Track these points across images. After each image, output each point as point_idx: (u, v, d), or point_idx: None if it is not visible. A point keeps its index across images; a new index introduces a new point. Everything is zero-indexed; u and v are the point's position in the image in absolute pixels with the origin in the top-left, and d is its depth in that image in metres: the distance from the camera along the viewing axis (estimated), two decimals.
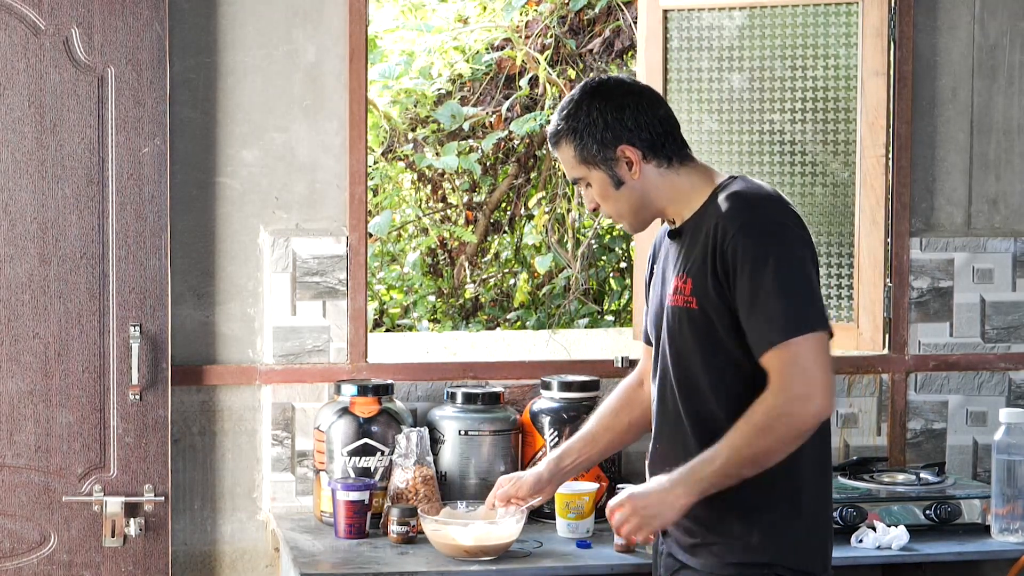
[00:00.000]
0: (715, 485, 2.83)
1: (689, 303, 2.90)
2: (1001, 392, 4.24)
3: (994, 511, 3.63)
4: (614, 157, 2.96)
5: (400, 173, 7.10)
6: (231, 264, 3.89)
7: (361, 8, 3.90)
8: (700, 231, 2.92)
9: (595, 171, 2.98)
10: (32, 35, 3.66)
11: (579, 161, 2.99)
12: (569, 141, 2.99)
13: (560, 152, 3.03)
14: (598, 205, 3.04)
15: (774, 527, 2.91)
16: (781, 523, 2.92)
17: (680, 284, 2.93)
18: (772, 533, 2.91)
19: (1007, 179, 4.23)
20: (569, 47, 6.64)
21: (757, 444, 2.79)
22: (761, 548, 2.90)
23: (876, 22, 4.12)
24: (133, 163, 3.70)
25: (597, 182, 2.99)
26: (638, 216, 3.02)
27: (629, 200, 2.99)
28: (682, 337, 2.94)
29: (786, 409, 2.78)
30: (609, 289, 6.96)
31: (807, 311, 2.81)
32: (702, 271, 2.88)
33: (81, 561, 3.72)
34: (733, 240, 2.83)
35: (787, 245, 2.84)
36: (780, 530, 2.92)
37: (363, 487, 3.60)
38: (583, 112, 2.98)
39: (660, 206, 3.00)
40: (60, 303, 3.69)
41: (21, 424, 3.69)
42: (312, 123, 3.91)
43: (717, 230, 2.86)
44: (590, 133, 2.97)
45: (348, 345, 3.94)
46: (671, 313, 2.96)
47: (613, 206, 3.01)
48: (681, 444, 2.96)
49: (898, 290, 4.16)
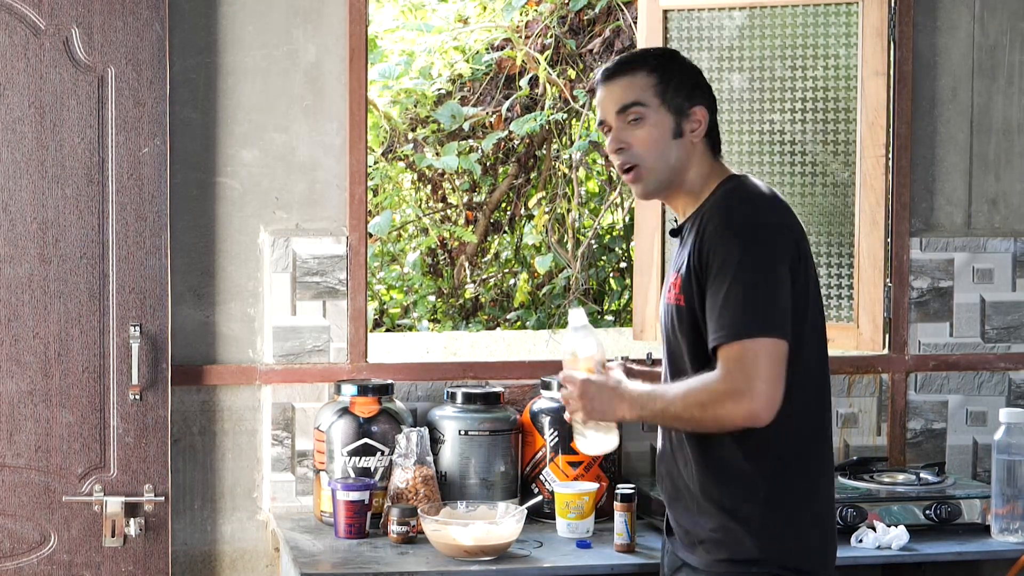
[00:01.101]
0: (654, 420, 2.96)
1: (678, 300, 2.95)
2: (1001, 392, 4.24)
3: (994, 511, 3.63)
4: (688, 112, 2.98)
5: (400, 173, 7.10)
6: (231, 264, 3.89)
7: (361, 8, 3.90)
8: (693, 229, 2.97)
9: (662, 112, 2.97)
10: (32, 35, 3.66)
11: (653, 94, 2.96)
12: (650, 72, 2.97)
13: (625, 77, 2.99)
14: (625, 147, 2.99)
15: (771, 525, 2.93)
16: (777, 521, 2.93)
17: (673, 281, 2.99)
18: (768, 531, 2.92)
19: (1007, 179, 4.23)
20: (569, 47, 6.64)
21: (690, 412, 2.86)
22: (756, 546, 2.92)
23: (876, 22, 4.12)
24: (133, 163, 3.70)
25: (656, 123, 2.97)
26: (664, 175, 3.00)
27: (675, 154, 2.98)
28: (673, 333, 3.00)
29: (720, 399, 2.82)
30: (609, 289, 6.96)
31: (763, 315, 2.82)
32: (687, 268, 2.93)
33: (81, 561, 3.72)
34: (710, 238, 2.87)
35: (759, 245, 2.85)
36: (776, 528, 2.93)
37: (363, 487, 3.60)
38: (677, 61, 3.02)
39: (684, 181, 3.00)
40: (60, 303, 3.69)
41: (21, 424, 3.69)
42: (312, 123, 3.91)
43: (702, 227, 2.90)
44: (681, 79, 2.99)
45: (348, 345, 3.94)
46: (666, 310, 3.04)
47: (655, 151, 2.98)
48: (674, 438, 3.04)
49: (898, 290, 4.16)
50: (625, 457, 3.99)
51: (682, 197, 3.03)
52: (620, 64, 3.01)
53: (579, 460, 3.79)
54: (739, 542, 2.93)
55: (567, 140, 6.80)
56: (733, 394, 2.80)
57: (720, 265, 2.84)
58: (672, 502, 3.09)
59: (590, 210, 6.94)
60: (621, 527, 3.51)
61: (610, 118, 3.02)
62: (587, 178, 7.04)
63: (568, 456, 3.78)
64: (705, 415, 2.85)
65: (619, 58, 3.05)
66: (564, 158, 6.83)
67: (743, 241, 2.84)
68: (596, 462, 3.79)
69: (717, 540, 2.95)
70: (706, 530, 2.97)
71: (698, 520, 2.99)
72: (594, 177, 7.03)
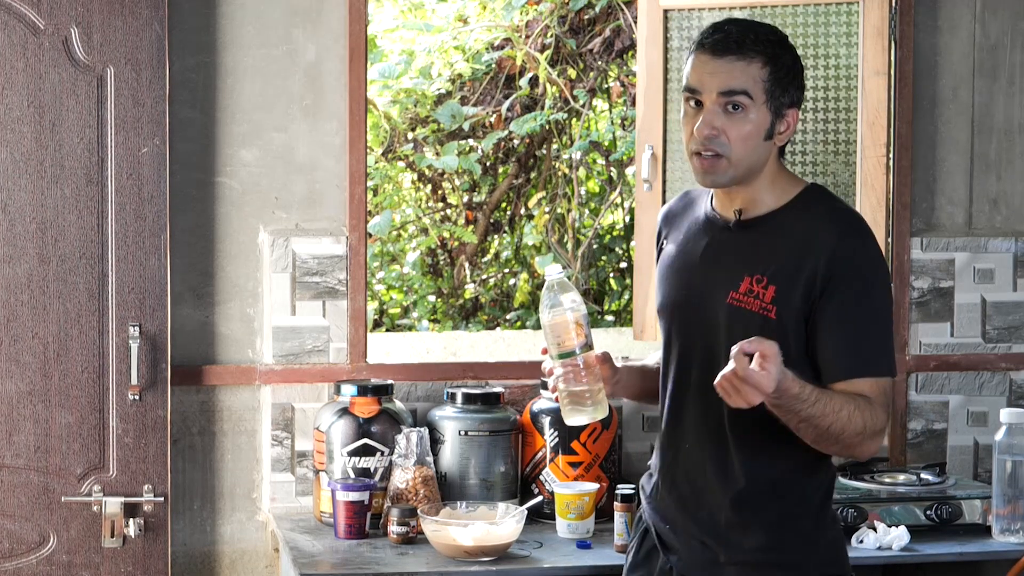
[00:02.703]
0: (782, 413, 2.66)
1: (767, 311, 2.75)
2: (1002, 392, 4.23)
3: (995, 511, 3.63)
4: (784, 114, 2.79)
5: (400, 173, 7.10)
6: (231, 264, 3.89)
7: (361, 8, 3.90)
8: (787, 236, 2.79)
9: (763, 110, 2.77)
10: (31, 35, 3.65)
11: (762, 88, 2.75)
12: (765, 64, 2.76)
13: (741, 60, 2.75)
14: (717, 133, 2.75)
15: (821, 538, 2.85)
16: (827, 533, 2.86)
17: (757, 288, 2.78)
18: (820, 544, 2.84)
19: (1008, 179, 4.23)
20: (569, 47, 6.63)
21: (840, 427, 2.68)
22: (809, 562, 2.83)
23: (877, 22, 4.11)
24: (132, 163, 3.70)
25: (756, 120, 2.76)
26: (742, 173, 2.78)
27: (761, 154, 2.79)
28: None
29: (877, 431, 2.72)
30: (609, 289, 6.95)
31: (893, 354, 2.80)
32: (792, 283, 2.75)
33: (80, 562, 3.72)
34: (843, 266, 2.73)
35: (887, 287, 2.81)
36: (826, 540, 2.86)
37: (363, 487, 3.60)
38: (791, 55, 2.81)
39: (753, 179, 2.80)
40: (59, 303, 3.68)
41: (20, 424, 3.68)
42: (312, 123, 3.91)
43: (823, 251, 2.74)
44: (790, 79, 2.80)
45: (348, 345, 3.93)
46: (731, 313, 2.79)
47: (746, 148, 2.75)
48: (718, 450, 2.83)
49: (899, 290, 4.15)
50: (625, 457, 3.99)
51: (745, 192, 2.82)
52: (739, 43, 2.75)
53: (579, 460, 3.78)
54: (788, 560, 2.82)
55: (567, 140, 6.80)
56: (883, 430, 2.74)
57: (858, 294, 2.73)
58: (687, 514, 2.89)
59: (590, 210, 6.94)
60: (621, 528, 3.51)
61: (708, 94, 2.76)
62: (587, 178, 7.04)
63: (568, 456, 3.78)
64: (853, 439, 2.70)
65: (734, 32, 2.77)
66: (564, 158, 6.83)
67: (882, 275, 2.78)
68: (596, 463, 3.79)
69: (761, 560, 2.81)
70: (744, 549, 2.82)
71: (730, 537, 2.83)
72: (594, 177, 7.03)
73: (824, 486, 2.85)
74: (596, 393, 2.84)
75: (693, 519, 2.88)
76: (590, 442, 3.79)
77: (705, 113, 2.76)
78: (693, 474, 2.88)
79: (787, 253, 2.77)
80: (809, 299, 2.74)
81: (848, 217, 2.82)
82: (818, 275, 2.73)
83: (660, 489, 2.96)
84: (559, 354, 2.83)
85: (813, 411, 2.65)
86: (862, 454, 2.76)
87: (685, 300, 2.89)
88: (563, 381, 2.83)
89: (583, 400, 2.84)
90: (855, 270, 2.74)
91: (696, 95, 2.78)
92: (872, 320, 2.75)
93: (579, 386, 2.83)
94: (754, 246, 2.81)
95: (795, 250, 2.77)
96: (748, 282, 2.79)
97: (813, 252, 2.75)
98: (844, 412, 2.67)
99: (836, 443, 2.72)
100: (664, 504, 2.94)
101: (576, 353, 2.82)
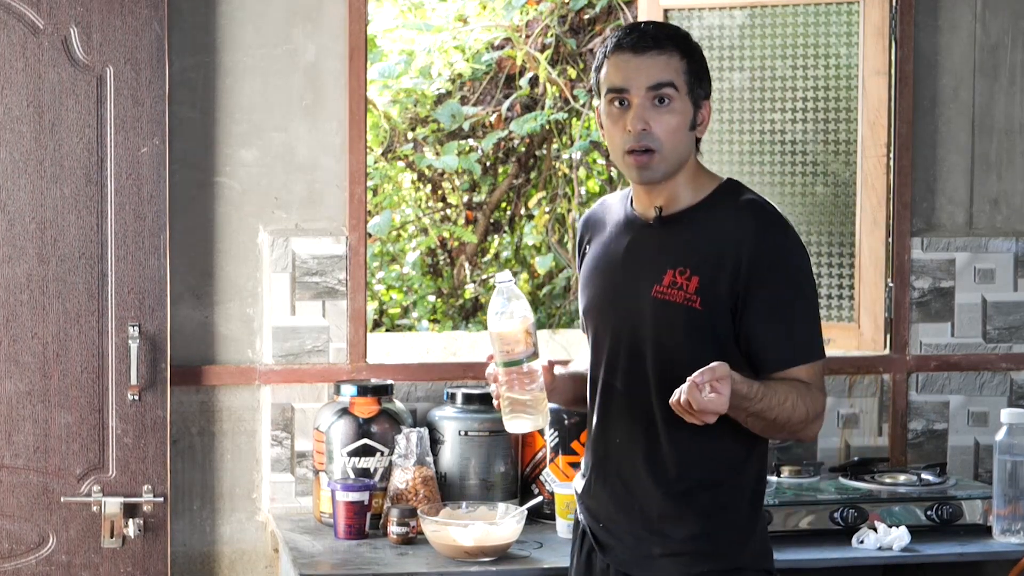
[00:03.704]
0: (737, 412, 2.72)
1: (691, 301, 2.81)
2: (1003, 392, 4.23)
3: (996, 512, 3.63)
4: (701, 104, 2.88)
5: (400, 173, 7.09)
6: (230, 264, 3.89)
7: (360, 7, 3.90)
8: (708, 228, 2.85)
9: (686, 101, 2.85)
10: (31, 34, 3.65)
11: (683, 80, 2.83)
12: (683, 57, 2.85)
13: (662, 55, 2.83)
14: (648, 128, 2.82)
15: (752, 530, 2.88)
16: (757, 526, 2.89)
17: (680, 280, 2.83)
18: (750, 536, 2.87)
19: (1008, 179, 4.23)
20: (569, 47, 6.63)
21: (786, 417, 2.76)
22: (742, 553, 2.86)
23: (877, 21, 4.11)
24: (132, 163, 3.70)
25: (681, 111, 2.84)
26: (672, 166, 2.85)
27: (686, 146, 2.87)
28: (672, 334, 2.83)
29: (817, 416, 2.81)
30: None
31: (822, 337, 2.88)
32: (715, 273, 2.80)
33: (80, 562, 3.71)
34: (768, 256, 2.79)
35: (811, 273, 2.87)
36: (756, 532, 2.89)
37: (363, 488, 3.60)
38: (699, 49, 2.90)
39: (678, 173, 2.87)
40: (59, 303, 3.68)
41: (19, 424, 3.68)
42: (311, 123, 3.91)
43: (744, 240, 2.80)
44: (702, 69, 2.89)
45: (348, 345, 3.93)
46: (656, 306, 2.85)
47: (674, 139, 2.84)
48: (648, 441, 2.87)
49: (899, 290, 4.15)
50: None
51: (667, 188, 2.88)
52: (656, 39, 2.84)
53: (579, 461, 3.78)
54: (721, 550, 2.84)
55: (567, 140, 6.79)
56: (823, 411, 2.82)
57: (785, 283, 2.80)
58: (620, 509, 2.92)
59: None
60: None
61: (636, 90, 2.83)
62: (587, 178, 7.04)
63: (568, 456, 3.78)
64: (797, 426, 2.79)
65: (650, 30, 2.88)
66: (564, 158, 6.83)
67: (803, 261, 2.85)
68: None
69: (694, 550, 2.84)
70: (678, 540, 2.85)
71: (663, 529, 2.86)
72: (594, 177, 7.02)
73: (755, 476, 2.89)
74: (539, 401, 2.87)
75: (626, 514, 2.91)
76: None
77: (635, 109, 2.83)
78: (624, 469, 2.91)
79: (708, 245, 2.84)
80: (733, 290, 2.80)
81: (764, 209, 2.87)
82: (741, 267, 2.79)
83: (593, 487, 2.98)
84: (505, 362, 2.86)
85: (760, 406, 2.73)
86: (806, 437, 2.86)
87: (611, 298, 2.95)
88: (507, 388, 2.87)
89: (525, 408, 2.87)
90: (776, 261, 2.81)
91: (623, 94, 2.85)
92: (799, 308, 2.83)
93: (523, 394, 2.86)
94: (676, 240, 2.87)
95: (716, 242, 2.83)
96: (671, 275, 2.85)
97: (733, 243, 2.81)
98: (788, 402, 2.76)
99: (782, 431, 2.81)
100: (597, 501, 2.97)
101: (523, 362, 2.85)
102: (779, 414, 2.75)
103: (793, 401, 2.76)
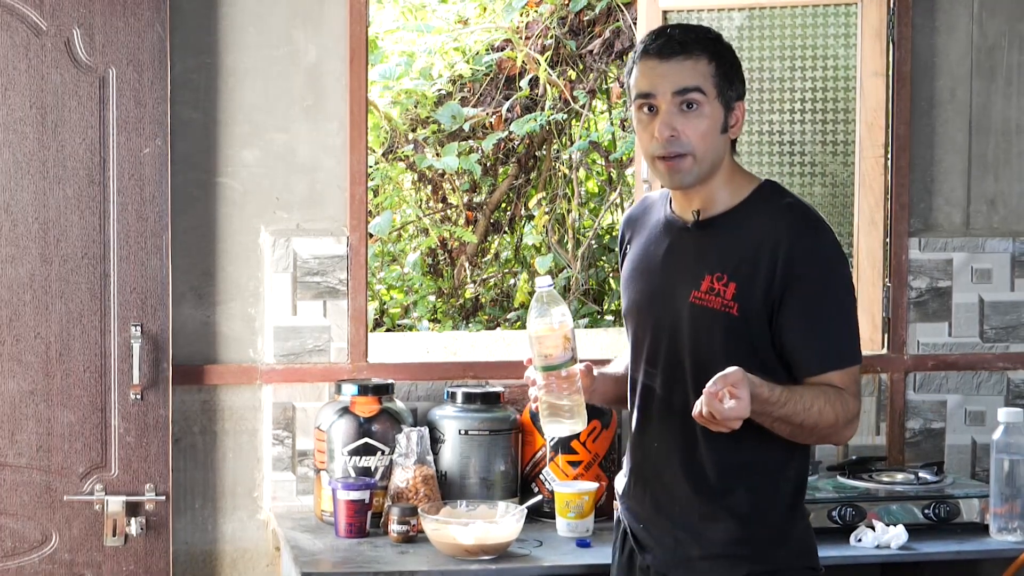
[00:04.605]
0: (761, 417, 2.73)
1: (728, 308, 2.81)
2: (1000, 392, 4.24)
3: (993, 510, 3.64)
4: (734, 107, 2.86)
5: (400, 174, 7.10)
6: (232, 264, 3.90)
7: (361, 9, 3.91)
8: (745, 233, 2.83)
9: (716, 104, 2.83)
10: (34, 36, 3.66)
11: (712, 84, 2.82)
12: (711, 60, 2.82)
13: (688, 60, 2.81)
14: (676, 133, 2.80)
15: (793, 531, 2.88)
16: (798, 526, 2.89)
17: (718, 286, 2.82)
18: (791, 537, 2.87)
19: (1005, 179, 4.24)
20: (569, 48, 6.64)
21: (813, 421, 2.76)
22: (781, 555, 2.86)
23: (875, 23, 4.13)
24: (134, 163, 3.71)
25: (711, 115, 2.82)
26: (706, 170, 2.83)
27: (720, 149, 2.85)
28: (710, 340, 2.83)
29: (851, 421, 2.80)
30: (609, 289, 6.96)
31: (859, 343, 2.86)
32: (751, 279, 2.80)
33: (82, 560, 3.73)
34: (803, 261, 2.78)
35: (848, 278, 2.86)
36: (797, 533, 2.88)
37: (363, 486, 3.61)
38: (731, 51, 2.87)
39: (713, 176, 2.86)
40: (61, 303, 3.70)
41: (22, 423, 3.69)
42: (313, 124, 3.92)
43: (780, 245, 2.79)
44: (733, 71, 2.86)
45: (349, 345, 3.95)
46: (694, 312, 2.85)
47: (706, 143, 2.82)
48: (686, 445, 2.87)
49: (897, 290, 4.16)
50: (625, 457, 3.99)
51: (703, 192, 2.87)
52: (682, 44, 2.82)
53: (579, 459, 3.80)
54: (760, 553, 2.84)
55: (567, 140, 6.80)
56: (857, 416, 2.81)
57: (821, 288, 2.78)
58: (659, 512, 2.93)
59: (590, 210, 6.95)
60: None
61: (662, 96, 2.81)
62: (587, 178, 7.05)
63: (568, 455, 3.79)
64: (827, 430, 2.78)
65: (676, 34, 2.84)
66: (564, 158, 6.84)
67: (840, 265, 2.83)
68: (595, 462, 3.80)
69: (732, 554, 2.84)
70: (717, 543, 2.86)
71: (702, 532, 2.87)
72: (594, 177, 7.04)
73: (795, 479, 2.88)
74: (576, 406, 2.88)
75: (666, 516, 2.92)
76: (590, 441, 3.80)
77: (662, 115, 2.82)
78: (663, 471, 2.92)
79: (745, 250, 2.82)
80: (769, 295, 2.79)
81: (803, 212, 2.87)
82: (777, 271, 2.78)
83: (633, 488, 3.00)
84: (544, 366, 2.87)
85: (785, 411, 2.73)
86: (838, 441, 2.86)
87: (649, 301, 2.95)
88: (545, 392, 2.87)
89: (563, 412, 2.88)
90: (813, 265, 2.79)
91: (650, 100, 2.84)
92: (836, 313, 2.81)
93: (561, 399, 2.87)
94: (713, 245, 2.86)
95: (753, 247, 2.82)
96: (709, 280, 2.84)
97: (770, 248, 2.80)
98: (815, 408, 2.75)
99: (811, 435, 2.81)
100: (638, 503, 2.99)
101: (561, 367, 2.86)
102: (805, 419, 2.74)
103: (820, 407, 2.75)
